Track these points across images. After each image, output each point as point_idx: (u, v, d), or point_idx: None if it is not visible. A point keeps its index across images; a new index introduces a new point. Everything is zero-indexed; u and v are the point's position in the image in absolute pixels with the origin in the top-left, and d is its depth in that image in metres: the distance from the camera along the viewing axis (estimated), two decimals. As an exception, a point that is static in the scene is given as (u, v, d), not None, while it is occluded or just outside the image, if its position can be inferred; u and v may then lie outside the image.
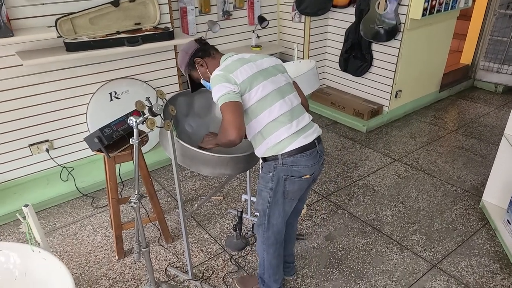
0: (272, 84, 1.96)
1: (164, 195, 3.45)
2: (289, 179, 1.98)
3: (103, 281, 2.60)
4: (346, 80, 4.91)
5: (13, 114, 3.16)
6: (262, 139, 1.97)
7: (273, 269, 2.31)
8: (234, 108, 1.82)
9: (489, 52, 5.45)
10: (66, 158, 3.53)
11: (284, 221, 2.16)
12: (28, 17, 2.97)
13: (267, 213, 2.10)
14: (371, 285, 2.55)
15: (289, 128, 1.93)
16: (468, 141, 4.28)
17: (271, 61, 2.08)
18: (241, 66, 1.93)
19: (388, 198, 3.37)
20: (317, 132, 2.03)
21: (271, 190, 2.02)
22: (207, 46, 2.11)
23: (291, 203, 2.11)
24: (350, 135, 4.44)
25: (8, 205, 3.13)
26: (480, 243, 2.88)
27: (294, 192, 2.05)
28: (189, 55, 2.08)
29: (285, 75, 2.09)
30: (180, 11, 3.95)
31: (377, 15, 4.15)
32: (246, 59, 2.01)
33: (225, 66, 1.95)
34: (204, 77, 2.11)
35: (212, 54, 2.09)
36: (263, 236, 2.20)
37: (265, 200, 2.07)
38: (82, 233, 3.02)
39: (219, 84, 1.86)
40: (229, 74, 1.88)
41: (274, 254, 2.25)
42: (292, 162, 1.95)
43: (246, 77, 1.91)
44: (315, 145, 2.00)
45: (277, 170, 1.97)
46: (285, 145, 1.93)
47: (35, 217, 1.84)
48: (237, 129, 1.80)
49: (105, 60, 3.40)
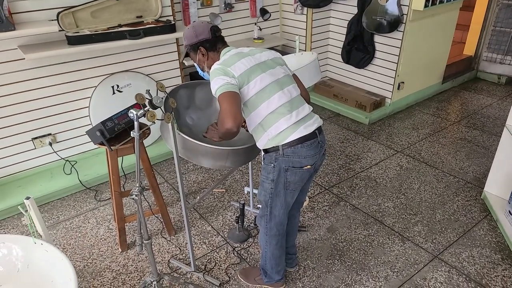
0: (270, 76, 1.97)
1: (167, 187, 3.47)
2: (290, 170, 2.00)
3: (106, 273, 2.62)
4: (348, 72, 4.89)
5: (16, 108, 3.17)
6: (262, 131, 1.98)
7: (275, 260, 2.33)
8: (230, 98, 1.84)
9: (492, 43, 5.41)
10: (69, 151, 3.55)
11: (286, 212, 2.18)
12: (29, 11, 2.98)
13: (269, 204, 2.12)
14: (373, 276, 2.56)
15: (288, 119, 1.95)
16: (471, 132, 4.27)
17: (269, 54, 2.09)
18: (239, 60, 1.95)
19: (390, 190, 3.37)
20: (317, 123, 2.04)
21: (273, 181, 2.04)
22: (218, 39, 2.09)
23: (293, 194, 2.12)
24: (352, 127, 4.44)
25: (12, 199, 3.16)
26: (481, 234, 2.88)
27: (296, 183, 2.06)
28: (197, 39, 2.05)
29: (284, 68, 2.10)
30: (182, 4, 3.94)
31: (379, 6, 4.13)
32: (244, 53, 2.02)
33: (224, 60, 1.97)
34: (199, 63, 2.14)
35: (217, 49, 2.08)
36: (266, 227, 2.22)
37: (267, 191, 2.09)
38: (85, 226, 3.04)
39: (217, 77, 1.88)
40: (227, 68, 1.90)
41: (276, 246, 2.27)
42: (293, 152, 1.95)
43: (244, 70, 1.92)
44: (316, 135, 2.00)
45: (278, 161, 1.98)
46: (285, 135, 1.94)
47: (37, 210, 1.85)
48: (233, 118, 1.80)
49: (107, 54, 3.40)
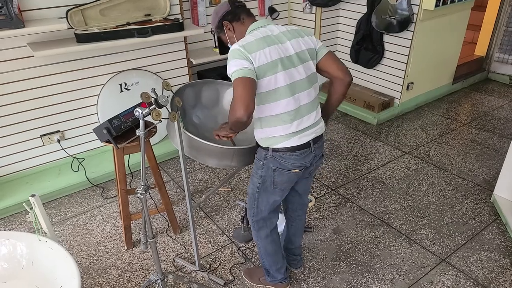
0: (287, 77, 1.84)
1: (173, 186, 3.47)
2: (278, 171, 1.99)
3: (111, 271, 2.63)
4: (357, 72, 4.86)
5: (25, 105, 3.20)
6: (259, 125, 1.96)
7: (271, 257, 2.32)
8: (246, 84, 1.73)
9: (504, 44, 5.34)
10: (77, 148, 3.57)
11: (273, 209, 2.18)
12: (39, 8, 2.99)
13: (256, 197, 2.13)
14: (379, 278, 2.54)
15: (287, 128, 1.90)
16: (481, 134, 4.21)
17: (298, 44, 1.90)
18: (263, 48, 1.80)
19: (398, 192, 3.34)
20: (316, 133, 1.98)
21: (261, 177, 2.05)
22: (239, 9, 1.97)
23: (281, 193, 2.11)
24: (360, 127, 4.41)
25: (20, 195, 3.18)
26: (490, 238, 2.85)
27: (283, 183, 2.05)
28: (218, 17, 1.98)
29: (309, 64, 1.93)
30: (190, 2, 3.93)
31: (389, 5, 4.09)
32: (272, 38, 1.85)
33: (248, 42, 1.80)
34: (231, 42, 2.01)
35: (242, 19, 1.96)
36: (253, 221, 2.23)
37: (254, 185, 2.11)
38: (92, 223, 3.06)
39: (236, 59, 1.77)
40: (248, 54, 1.76)
41: (266, 239, 2.26)
42: (281, 157, 1.95)
43: (264, 63, 1.79)
44: (310, 145, 1.97)
45: (267, 160, 1.98)
46: (277, 141, 1.92)
47: (42, 207, 1.86)
48: (245, 106, 1.69)
49: (115, 52, 3.41)
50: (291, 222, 2.43)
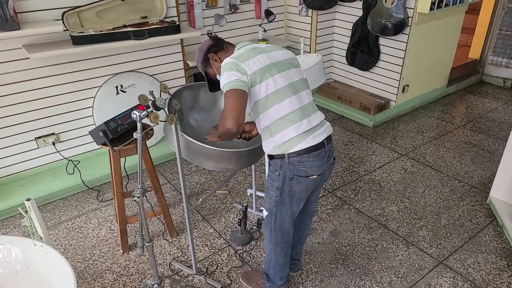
0: (284, 78, 1.90)
1: (170, 189, 3.45)
2: (296, 179, 1.94)
3: (107, 275, 2.61)
4: (353, 74, 4.87)
5: (20, 107, 3.17)
6: (269, 135, 1.92)
7: (280, 267, 2.29)
8: (238, 96, 1.76)
9: (498, 47, 5.38)
10: (72, 151, 3.55)
11: (291, 220, 2.12)
12: (34, 10, 2.98)
13: (273, 212, 2.08)
14: (376, 281, 2.54)
15: (298, 127, 1.88)
16: (476, 136, 4.23)
17: (285, 54, 2.01)
18: (254, 56, 1.87)
19: (394, 194, 3.34)
20: (327, 132, 1.97)
21: (278, 189, 1.99)
22: (221, 41, 2.09)
23: (298, 203, 2.06)
24: (356, 129, 4.42)
25: (14, 198, 3.14)
26: (487, 240, 2.85)
27: (301, 192, 2.00)
28: (203, 52, 2.07)
29: (299, 70, 2.02)
30: (187, 5, 3.93)
31: (384, 9, 4.10)
32: (260, 49, 1.95)
33: (238, 54, 1.90)
34: (218, 72, 2.06)
35: (225, 47, 2.06)
36: (270, 235, 2.17)
37: (272, 199, 2.05)
38: (87, 227, 3.03)
39: (228, 71, 1.81)
40: (241, 63, 1.82)
41: (281, 253, 2.23)
42: (298, 162, 1.90)
43: (259, 67, 1.84)
44: (324, 145, 1.94)
45: (284, 169, 1.93)
46: (292, 144, 1.88)
47: (37, 211, 1.84)
48: (236, 118, 1.73)
49: (112, 54, 3.39)
50: (296, 230, 2.34)
